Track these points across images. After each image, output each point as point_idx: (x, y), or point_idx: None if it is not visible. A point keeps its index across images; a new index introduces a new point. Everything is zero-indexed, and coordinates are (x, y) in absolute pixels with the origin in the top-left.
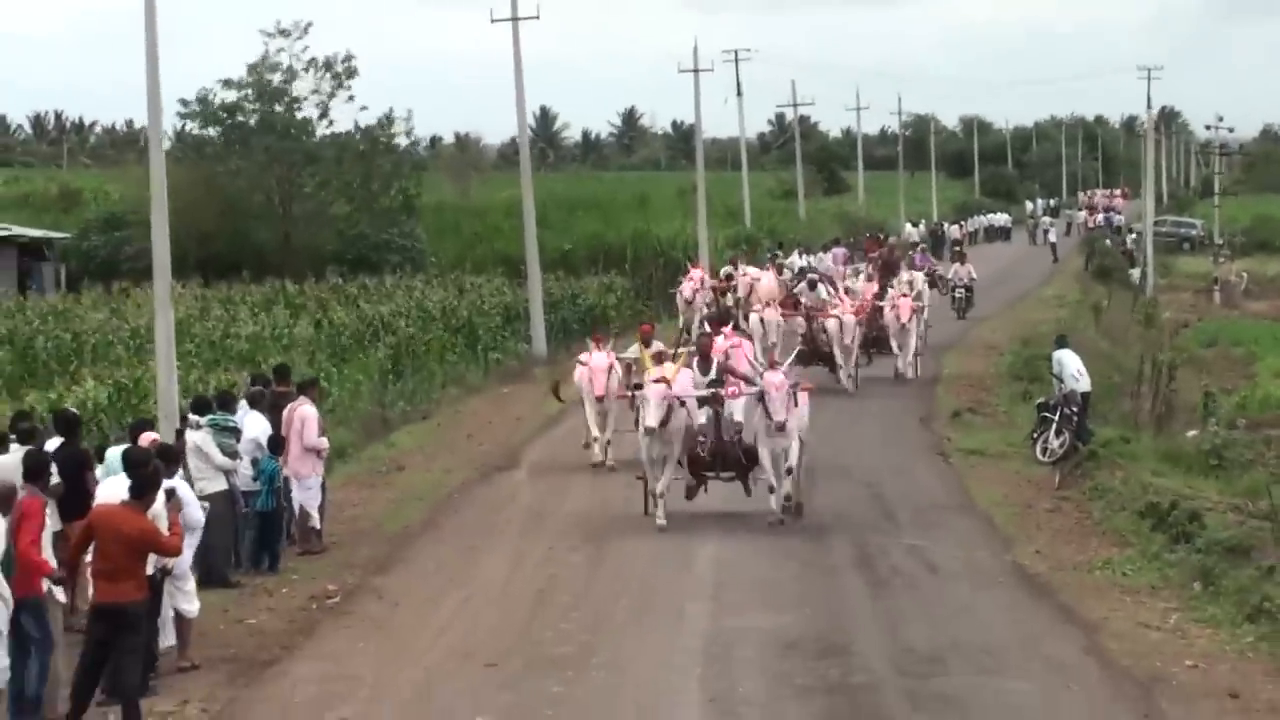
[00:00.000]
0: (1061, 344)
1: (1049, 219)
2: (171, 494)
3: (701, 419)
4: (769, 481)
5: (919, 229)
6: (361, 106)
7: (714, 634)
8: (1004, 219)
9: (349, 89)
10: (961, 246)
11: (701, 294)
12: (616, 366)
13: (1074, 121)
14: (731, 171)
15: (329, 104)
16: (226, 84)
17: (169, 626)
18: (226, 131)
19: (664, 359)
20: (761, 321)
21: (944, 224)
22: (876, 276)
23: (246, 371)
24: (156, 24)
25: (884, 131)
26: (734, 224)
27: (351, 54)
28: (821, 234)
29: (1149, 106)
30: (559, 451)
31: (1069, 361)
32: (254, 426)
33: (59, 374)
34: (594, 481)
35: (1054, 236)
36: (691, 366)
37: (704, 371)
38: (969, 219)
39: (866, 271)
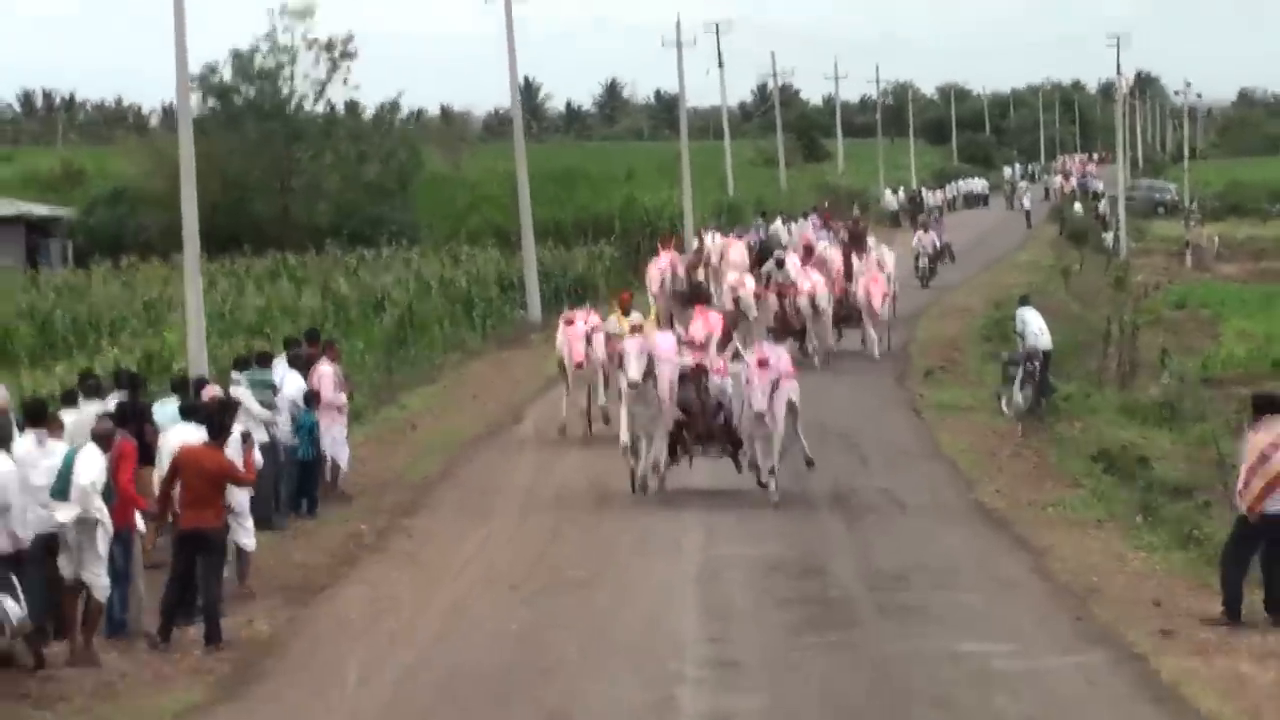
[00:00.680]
0: (1024, 303)
1: (1025, 184)
2: (247, 436)
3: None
4: (762, 469)
5: (898, 195)
6: (354, 86)
7: (706, 561)
8: (981, 185)
9: (347, 70)
10: (941, 212)
11: (669, 277)
12: (597, 337)
13: (1051, 87)
14: (714, 140)
15: (326, 84)
16: (237, 56)
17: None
18: (225, 108)
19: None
20: (736, 301)
21: (922, 190)
22: (843, 249)
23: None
24: (185, 7)
25: (864, 100)
26: (718, 192)
27: (351, 35)
28: (802, 201)
29: (1119, 73)
30: (559, 409)
31: (1031, 320)
32: (292, 384)
33: (77, 346)
34: (594, 436)
35: (1028, 203)
36: (710, 344)
37: (721, 348)
38: (947, 185)
39: (829, 239)
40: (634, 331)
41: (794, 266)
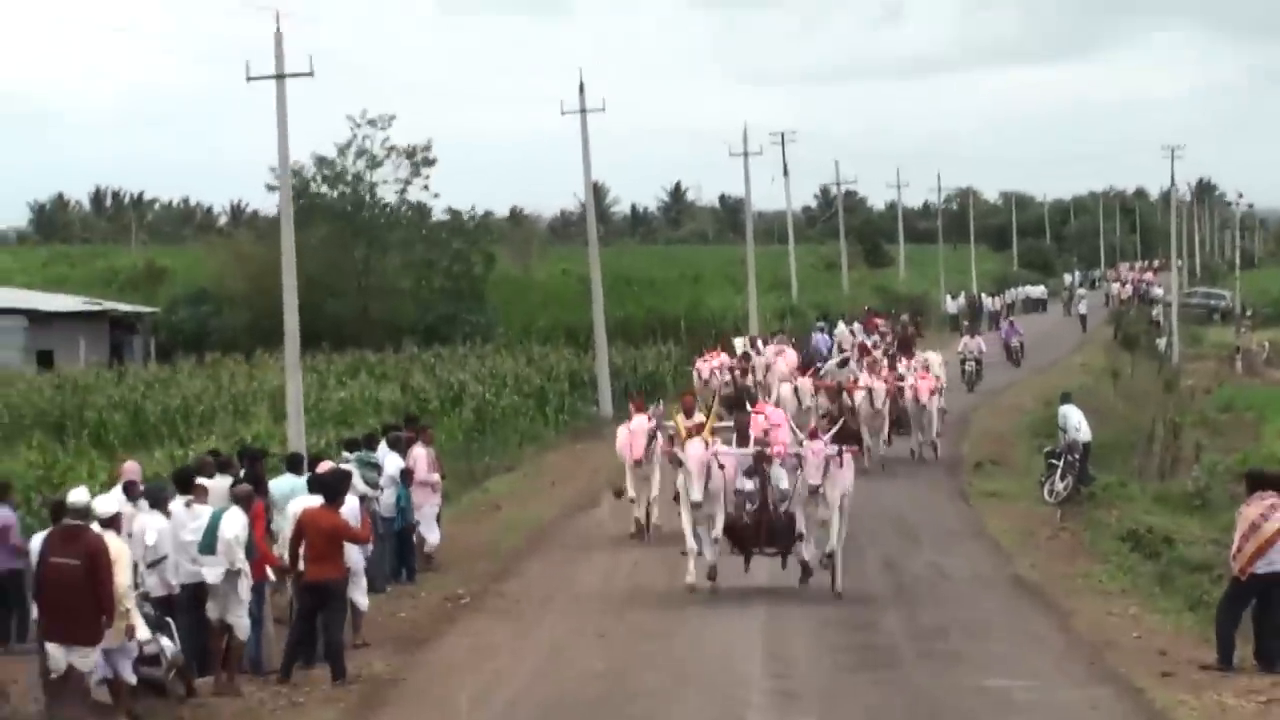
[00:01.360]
0: (1066, 400)
1: (1083, 291)
2: (364, 498)
3: (748, 485)
4: (809, 557)
5: (958, 301)
6: (435, 194)
7: (769, 618)
8: (1040, 291)
9: (426, 177)
10: (1009, 313)
11: (720, 374)
12: (659, 434)
13: (1112, 195)
14: (778, 245)
15: (406, 188)
16: (321, 161)
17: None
18: (310, 210)
19: (700, 430)
20: (795, 391)
21: (982, 296)
22: (890, 355)
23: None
24: (287, 115)
25: (927, 205)
26: (782, 295)
27: (430, 143)
28: (862, 306)
29: (1173, 184)
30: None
31: (1072, 415)
32: (392, 464)
33: (168, 435)
34: (666, 513)
35: (1084, 308)
36: (730, 443)
37: (742, 446)
38: (1006, 291)
39: (876, 342)
40: (695, 431)
41: (855, 368)
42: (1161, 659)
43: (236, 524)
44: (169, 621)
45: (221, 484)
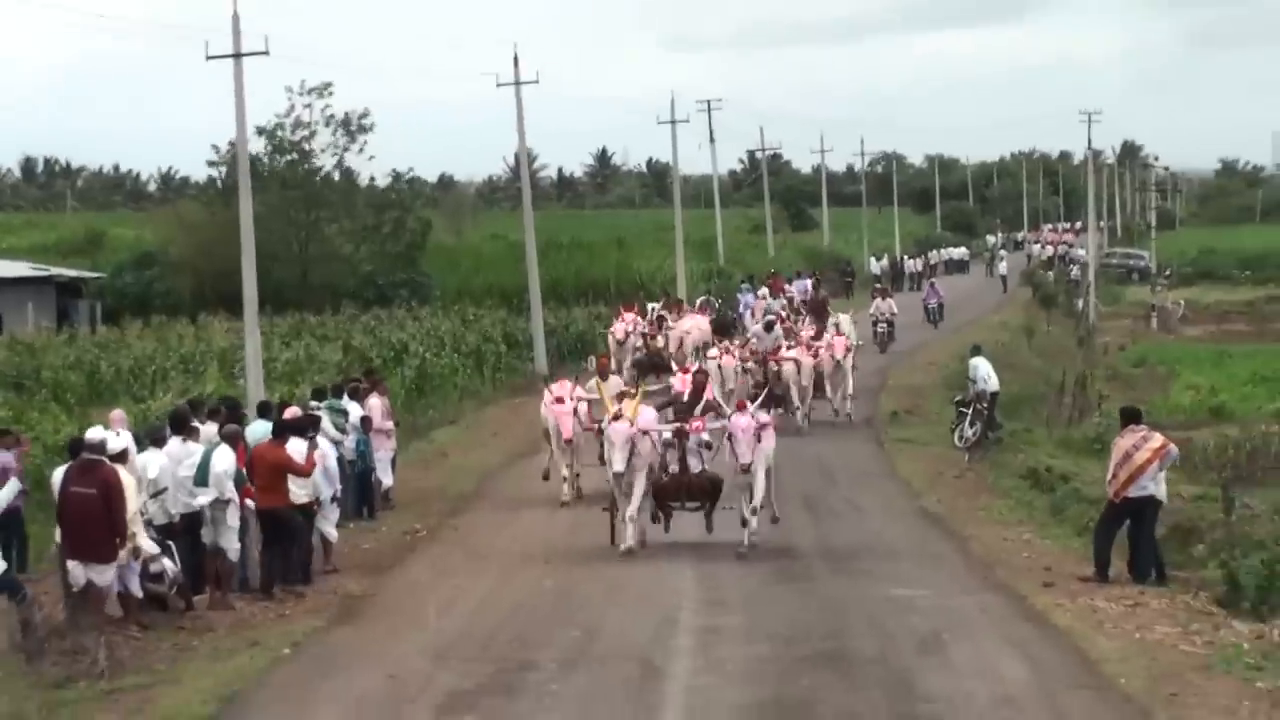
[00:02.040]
0: (976, 352)
1: (1004, 252)
2: (313, 441)
3: (668, 439)
4: (741, 513)
5: (881, 263)
6: (370, 157)
7: (698, 543)
8: (961, 252)
9: (363, 143)
10: (930, 275)
11: (634, 336)
12: (580, 409)
13: (1035, 158)
14: (705, 208)
15: (343, 156)
16: (259, 131)
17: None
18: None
19: (624, 398)
20: (719, 368)
21: (904, 257)
22: (806, 320)
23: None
24: (244, 92)
25: (851, 169)
26: (708, 258)
27: (367, 111)
28: (787, 268)
29: (1089, 147)
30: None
31: (981, 366)
32: (353, 412)
33: (123, 393)
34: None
35: (1005, 269)
36: (663, 410)
37: (692, 405)
38: (928, 253)
39: (784, 305)
40: (620, 399)
41: (780, 332)
42: (1046, 574)
43: (226, 459)
44: (170, 545)
45: (210, 428)
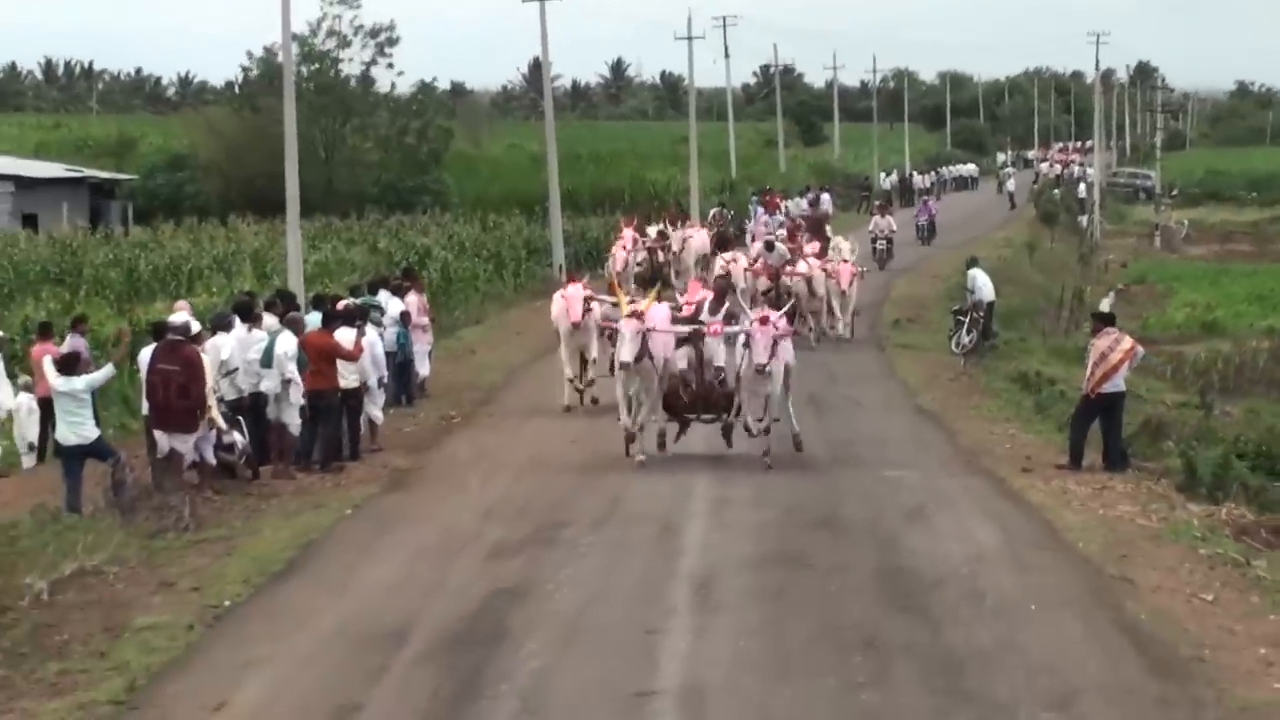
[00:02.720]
0: (973, 264)
1: (1012, 170)
2: (361, 329)
3: (681, 363)
4: (752, 426)
5: (890, 178)
6: (399, 72)
7: (709, 433)
8: (971, 170)
9: (390, 55)
10: (931, 193)
11: (632, 255)
12: (595, 302)
13: (1047, 76)
14: (717, 121)
15: (370, 68)
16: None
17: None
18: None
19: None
20: (728, 274)
21: (913, 174)
22: (807, 238)
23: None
24: (290, 7)
25: (864, 85)
26: (720, 171)
27: (393, 23)
28: (799, 182)
29: (1097, 68)
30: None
31: (978, 277)
32: (393, 307)
33: (158, 291)
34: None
35: (1013, 186)
36: (704, 308)
37: (714, 311)
38: (937, 170)
39: (782, 222)
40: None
41: (784, 250)
42: (1025, 461)
43: (288, 343)
44: (239, 420)
45: (269, 318)
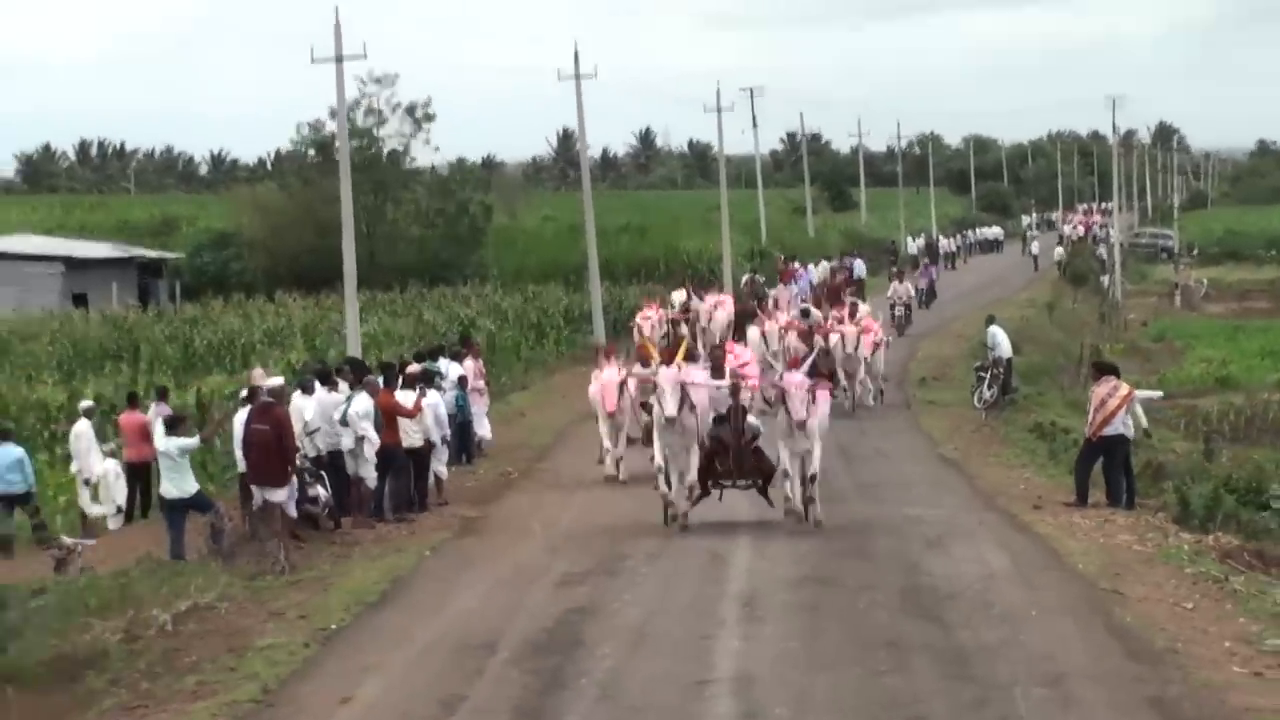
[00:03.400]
0: (991, 322)
1: (1036, 232)
2: (423, 391)
3: (715, 423)
4: (793, 496)
5: (917, 242)
6: (435, 148)
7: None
8: (995, 232)
9: (427, 131)
10: (955, 260)
11: (658, 329)
12: (629, 382)
13: (1069, 139)
14: (746, 189)
15: (410, 144)
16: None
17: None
18: (323, 163)
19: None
20: (763, 336)
21: (939, 237)
22: (832, 305)
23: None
24: (345, 93)
25: (890, 150)
26: (751, 239)
27: (429, 100)
28: (830, 248)
29: (1114, 130)
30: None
31: (998, 334)
32: (453, 372)
33: (213, 365)
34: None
35: (1036, 248)
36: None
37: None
38: (963, 233)
39: (796, 292)
40: (666, 358)
41: (817, 317)
42: (1037, 500)
43: (364, 404)
44: (322, 475)
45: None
